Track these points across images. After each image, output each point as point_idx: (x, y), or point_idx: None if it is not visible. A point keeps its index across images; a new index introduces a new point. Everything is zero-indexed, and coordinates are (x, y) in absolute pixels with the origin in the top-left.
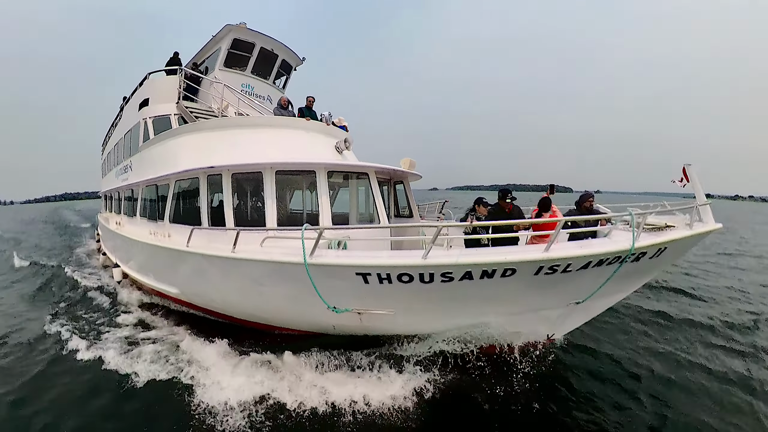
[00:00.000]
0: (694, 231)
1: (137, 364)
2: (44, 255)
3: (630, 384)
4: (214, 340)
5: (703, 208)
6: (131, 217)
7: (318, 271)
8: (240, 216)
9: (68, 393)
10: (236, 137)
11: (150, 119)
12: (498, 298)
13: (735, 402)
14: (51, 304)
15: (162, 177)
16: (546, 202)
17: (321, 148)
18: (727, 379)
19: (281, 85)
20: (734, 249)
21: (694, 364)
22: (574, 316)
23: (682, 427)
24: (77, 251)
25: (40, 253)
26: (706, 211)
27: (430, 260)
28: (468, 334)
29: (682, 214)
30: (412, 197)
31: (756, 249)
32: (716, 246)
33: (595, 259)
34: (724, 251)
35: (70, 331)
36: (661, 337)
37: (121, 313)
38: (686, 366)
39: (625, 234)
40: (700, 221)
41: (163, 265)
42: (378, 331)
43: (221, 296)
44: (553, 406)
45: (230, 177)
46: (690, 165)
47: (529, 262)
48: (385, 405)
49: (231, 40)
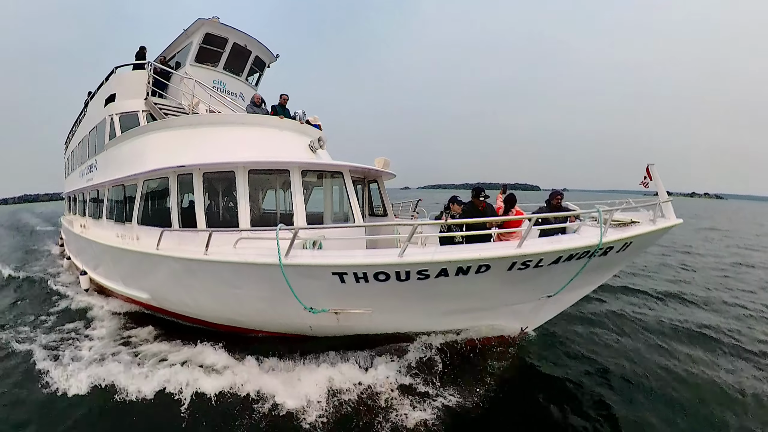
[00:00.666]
0: (657, 226)
1: (114, 378)
2: (3, 262)
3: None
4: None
5: (665, 204)
6: (97, 219)
7: (293, 271)
8: (212, 217)
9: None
10: (207, 135)
11: (117, 116)
12: (473, 293)
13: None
14: (15, 317)
15: (129, 177)
16: (511, 199)
17: (295, 146)
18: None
19: (254, 82)
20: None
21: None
22: (546, 308)
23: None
24: (40, 257)
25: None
26: (668, 207)
27: (406, 258)
28: (444, 330)
29: (646, 210)
30: (386, 196)
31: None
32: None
33: (565, 254)
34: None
35: (38, 348)
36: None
37: (92, 325)
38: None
39: (593, 230)
40: (662, 217)
41: (132, 270)
42: (356, 330)
43: (194, 300)
44: (527, 400)
45: (201, 176)
46: (653, 164)
47: (502, 258)
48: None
49: (203, 35)
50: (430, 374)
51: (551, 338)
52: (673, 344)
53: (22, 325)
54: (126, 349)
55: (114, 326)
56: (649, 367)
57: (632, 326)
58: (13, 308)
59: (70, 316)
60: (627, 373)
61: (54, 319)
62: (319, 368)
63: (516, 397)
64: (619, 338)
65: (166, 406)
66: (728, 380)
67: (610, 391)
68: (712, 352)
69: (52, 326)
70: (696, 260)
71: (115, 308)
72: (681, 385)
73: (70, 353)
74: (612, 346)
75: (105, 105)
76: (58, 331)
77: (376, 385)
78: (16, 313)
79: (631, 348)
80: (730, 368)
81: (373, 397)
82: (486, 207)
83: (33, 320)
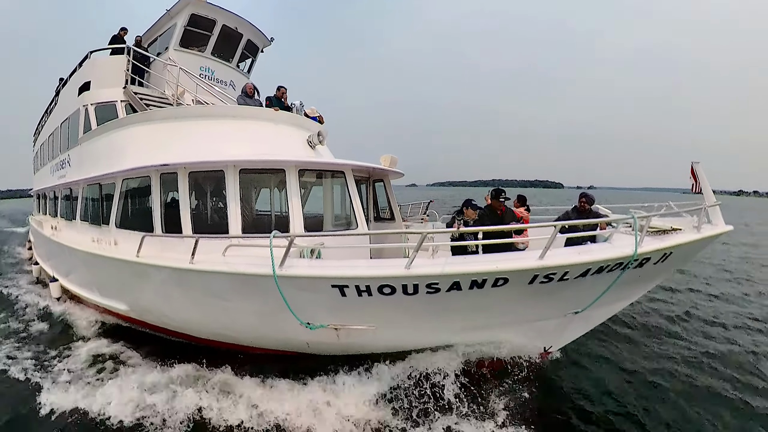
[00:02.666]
0: (702, 234)
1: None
2: None
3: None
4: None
5: (712, 209)
6: (70, 220)
7: (289, 283)
8: (199, 220)
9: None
10: (194, 129)
11: (92, 106)
12: (489, 309)
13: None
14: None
15: (107, 175)
16: (522, 199)
17: (291, 141)
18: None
19: (246, 69)
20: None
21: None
22: (573, 326)
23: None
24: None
25: None
26: (715, 212)
27: (414, 270)
28: (457, 350)
29: (689, 215)
30: (393, 197)
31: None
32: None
33: (594, 266)
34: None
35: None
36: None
37: (67, 341)
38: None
39: (627, 238)
40: (708, 223)
41: (108, 279)
42: (358, 348)
43: (179, 314)
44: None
45: (187, 176)
46: (698, 163)
47: (522, 270)
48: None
49: (188, 16)
50: (438, 398)
51: (580, 359)
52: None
53: None
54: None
55: (90, 344)
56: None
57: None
58: None
59: (39, 329)
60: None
61: (23, 333)
62: (316, 389)
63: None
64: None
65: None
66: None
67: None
68: None
69: (22, 341)
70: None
71: (91, 321)
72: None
73: (41, 374)
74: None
75: (79, 94)
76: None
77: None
78: None
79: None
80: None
81: (374, 421)
82: (506, 211)
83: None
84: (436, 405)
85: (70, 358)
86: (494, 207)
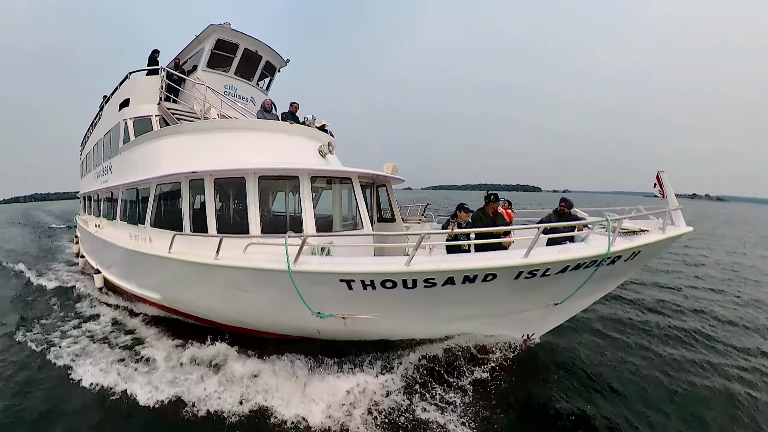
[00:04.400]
0: (666, 235)
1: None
2: (21, 260)
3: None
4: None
5: (675, 212)
6: (111, 220)
7: (302, 277)
8: (223, 221)
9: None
10: (218, 140)
11: (131, 120)
12: (480, 301)
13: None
14: (36, 317)
15: (143, 181)
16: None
17: (305, 151)
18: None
19: (265, 86)
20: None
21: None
22: (553, 316)
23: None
24: (57, 254)
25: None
26: (678, 215)
27: (413, 267)
28: (450, 336)
29: (655, 218)
30: (394, 200)
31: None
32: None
33: (573, 263)
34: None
35: (62, 350)
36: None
37: (112, 329)
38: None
39: (601, 238)
40: (672, 224)
41: (144, 271)
42: (363, 335)
43: (204, 302)
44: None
45: (212, 182)
46: (663, 172)
47: (509, 267)
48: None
49: (215, 41)
50: (432, 380)
51: (558, 344)
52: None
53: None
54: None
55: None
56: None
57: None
58: (30, 309)
59: (90, 317)
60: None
61: (76, 321)
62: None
63: (519, 404)
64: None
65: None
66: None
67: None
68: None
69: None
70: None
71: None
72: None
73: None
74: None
75: (119, 109)
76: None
77: (376, 392)
78: (35, 315)
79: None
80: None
81: (374, 404)
82: (497, 214)
83: (58, 321)
84: (427, 386)
85: (116, 348)
86: (486, 211)
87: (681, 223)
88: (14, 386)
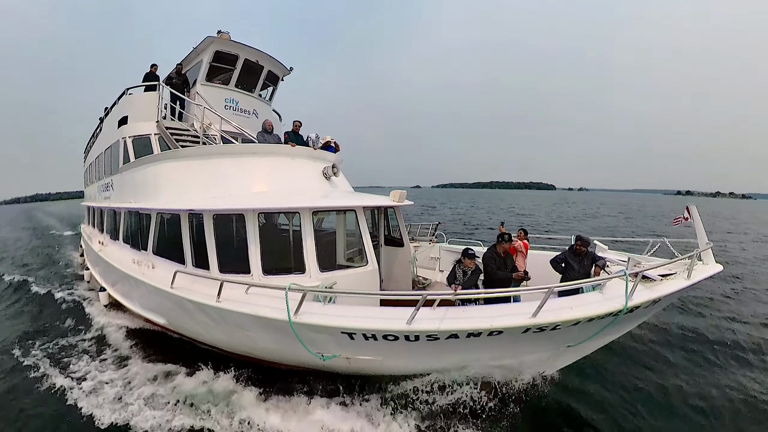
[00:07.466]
0: (691, 281)
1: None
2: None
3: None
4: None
5: (705, 252)
6: (114, 240)
7: (303, 327)
8: (224, 257)
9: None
10: (218, 167)
11: (129, 138)
12: (486, 350)
13: None
14: (42, 337)
15: (144, 209)
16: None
17: (307, 174)
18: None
19: (267, 96)
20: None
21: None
22: (567, 355)
23: None
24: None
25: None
26: (707, 254)
27: (414, 326)
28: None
29: (681, 256)
30: (402, 223)
31: None
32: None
33: (585, 320)
34: None
35: (60, 373)
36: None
37: (116, 353)
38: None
39: (620, 285)
40: (700, 262)
41: (148, 297)
42: (366, 371)
43: (208, 333)
44: None
45: (212, 219)
46: (693, 206)
47: (515, 327)
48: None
49: (213, 53)
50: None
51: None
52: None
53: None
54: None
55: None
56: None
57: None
58: (38, 324)
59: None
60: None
61: (84, 344)
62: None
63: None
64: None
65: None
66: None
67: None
68: None
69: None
70: None
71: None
72: None
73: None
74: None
75: (118, 126)
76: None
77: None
78: (43, 332)
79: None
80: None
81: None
82: (507, 255)
83: (56, 344)
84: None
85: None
86: (498, 250)
87: (710, 261)
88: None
